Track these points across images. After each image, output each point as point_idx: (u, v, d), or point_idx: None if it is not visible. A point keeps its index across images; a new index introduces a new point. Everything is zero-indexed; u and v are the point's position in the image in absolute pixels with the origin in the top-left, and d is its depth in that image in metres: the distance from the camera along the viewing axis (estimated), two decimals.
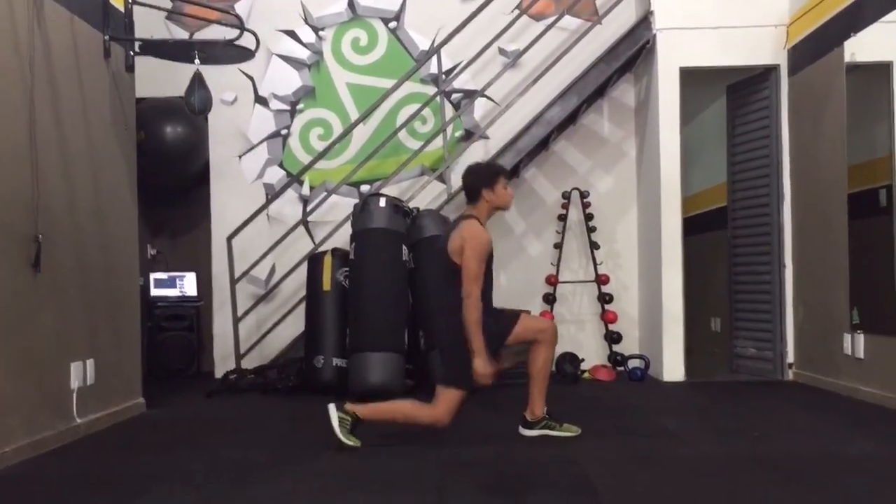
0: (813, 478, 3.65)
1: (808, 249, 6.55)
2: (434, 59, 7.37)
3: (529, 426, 4.57)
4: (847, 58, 5.82)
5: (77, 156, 4.92)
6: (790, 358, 6.80)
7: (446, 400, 4.40)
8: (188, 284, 7.75)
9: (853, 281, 5.77)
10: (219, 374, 7.34)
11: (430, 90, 7.55)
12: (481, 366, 4.31)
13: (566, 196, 7.60)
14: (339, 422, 4.33)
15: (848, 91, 5.83)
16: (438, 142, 7.37)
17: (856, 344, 5.71)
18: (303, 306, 6.80)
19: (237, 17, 6.04)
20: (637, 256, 7.73)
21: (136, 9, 5.60)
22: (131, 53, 5.62)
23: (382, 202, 6.42)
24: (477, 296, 4.34)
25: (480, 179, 4.56)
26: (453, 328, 4.40)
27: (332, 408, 4.38)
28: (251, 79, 7.77)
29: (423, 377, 6.12)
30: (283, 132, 7.83)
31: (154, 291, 7.66)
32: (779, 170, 6.85)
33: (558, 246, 7.59)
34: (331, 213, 7.52)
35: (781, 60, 6.83)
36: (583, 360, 7.10)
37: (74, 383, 4.77)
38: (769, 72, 6.92)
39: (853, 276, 5.77)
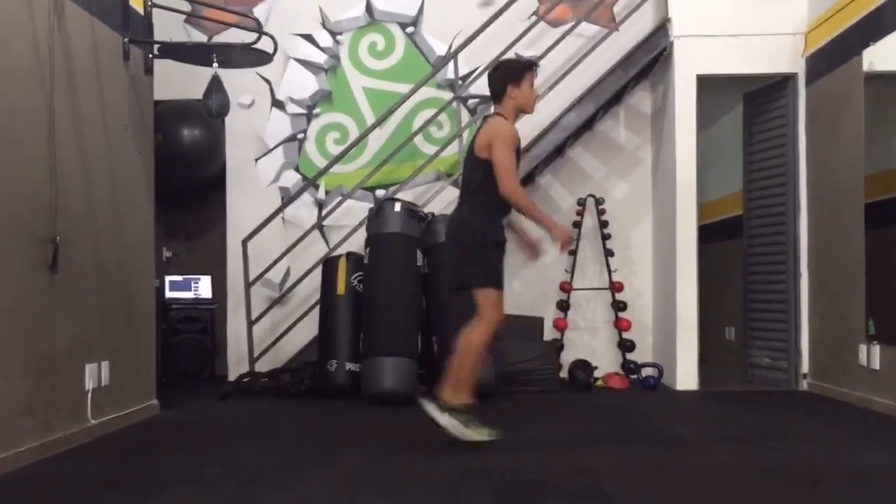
0: (827, 489, 3.62)
1: (824, 259, 6.52)
2: (451, 64, 7.38)
3: (442, 409, 4.34)
4: (865, 67, 5.79)
5: (95, 158, 4.95)
6: (805, 368, 6.76)
7: (486, 301, 4.35)
8: (203, 287, 7.77)
9: (869, 291, 5.74)
10: (232, 377, 7.36)
11: (447, 95, 7.56)
12: (560, 229, 4.36)
13: (581, 203, 7.59)
14: (463, 422, 4.26)
15: (866, 100, 5.80)
16: (454, 147, 7.38)
17: (871, 355, 5.67)
18: (317, 310, 6.81)
19: (255, 20, 6.07)
20: (652, 264, 7.71)
21: (155, 12, 5.63)
22: (150, 56, 5.65)
23: (398, 207, 6.42)
24: (517, 187, 4.33)
25: (507, 74, 4.53)
26: (473, 228, 4.41)
27: (437, 414, 4.26)
28: (268, 82, 7.80)
29: (435, 383, 6.11)
30: (300, 136, 7.85)
31: (169, 294, 7.68)
32: (795, 179, 6.82)
33: (573, 253, 7.58)
34: (346, 218, 7.53)
35: (799, 69, 6.80)
36: (596, 367, 7.08)
37: (89, 385, 4.79)
38: (787, 80, 6.89)
39: (869, 286, 5.73)
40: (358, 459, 4.22)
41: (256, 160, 7.84)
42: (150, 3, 5.56)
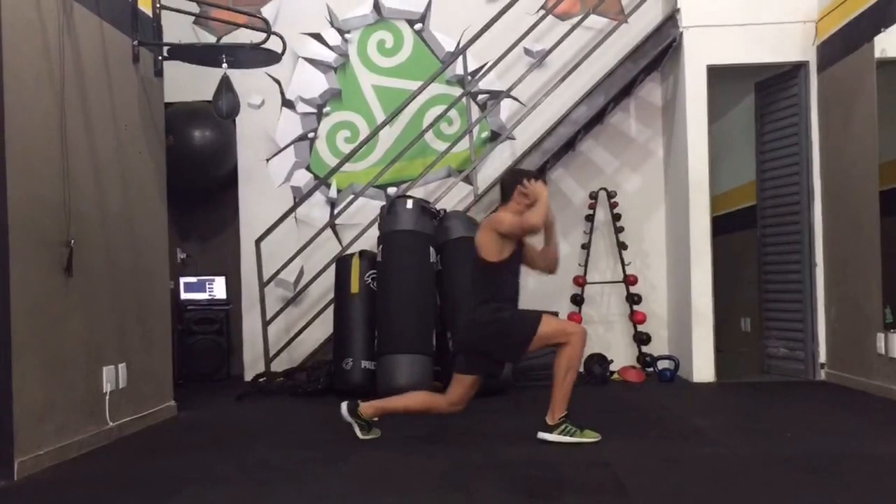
0: (845, 478, 3.61)
1: (839, 248, 6.48)
2: (460, 60, 7.37)
3: (549, 430, 4.49)
4: (877, 53, 5.75)
5: (107, 161, 4.97)
6: (822, 358, 6.72)
7: (461, 384, 4.52)
8: (218, 288, 7.79)
9: (886, 279, 5.70)
10: (248, 377, 7.38)
11: (456, 91, 7.56)
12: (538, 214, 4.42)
13: (593, 196, 7.57)
14: (359, 428, 4.58)
15: (879, 87, 5.76)
16: (465, 143, 7.38)
17: (889, 343, 5.63)
18: (331, 309, 6.82)
19: (264, 20, 6.08)
20: (665, 256, 7.68)
21: (163, 14, 5.64)
22: (159, 58, 5.67)
23: (409, 204, 6.42)
24: (540, 218, 4.38)
25: (515, 180, 4.61)
26: (473, 322, 4.51)
27: (345, 413, 4.59)
28: (278, 82, 7.81)
29: (450, 379, 6.11)
30: (310, 135, 7.86)
31: (184, 295, 7.71)
32: (808, 167, 6.78)
33: (586, 246, 7.56)
34: (358, 216, 7.54)
35: (810, 57, 6.76)
36: (611, 361, 7.07)
37: (107, 387, 4.81)
38: (798, 68, 6.85)
39: (886, 274, 5.70)
40: (373, 456, 4.23)
41: (268, 160, 7.85)
42: (158, 6, 5.57)
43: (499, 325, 4.45)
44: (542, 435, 4.48)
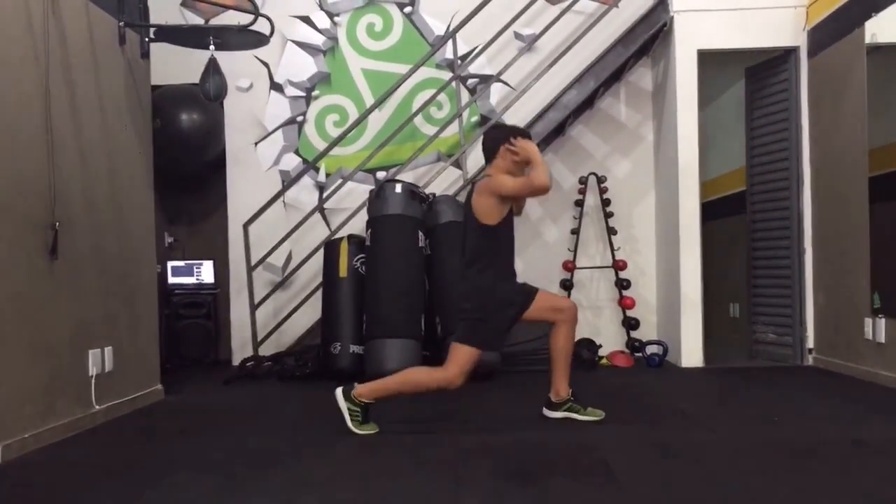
0: (832, 463, 3.62)
1: (828, 233, 6.49)
2: (449, 43, 7.33)
3: (554, 407, 4.56)
4: (868, 39, 5.74)
5: (93, 143, 4.93)
6: (810, 343, 6.75)
7: (458, 358, 4.36)
8: (205, 272, 7.76)
9: (874, 265, 5.71)
10: (236, 361, 7.36)
11: (446, 75, 7.52)
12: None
13: (583, 181, 7.55)
14: (350, 415, 4.34)
15: (869, 73, 5.76)
16: (454, 127, 7.36)
17: (877, 328, 5.65)
18: (319, 293, 6.80)
19: (252, 2, 6.02)
20: (655, 242, 7.68)
21: None
22: (146, 40, 5.62)
23: (398, 188, 6.40)
24: (546, 180, 4.27)
25: (498, 138, 4.52)
26: (468, 289, 4.43)
27: (340, 398, 4.38)
28: (266, 65, 7.76)
29: (439, 364, 6.10)
30: (299, 119, 7.82)
31: (171, 279, 7.68)
32: (798, 153, 6.78)
33: (575, 231, 7.56)
34: (347, 200, 7.51)
35: (801, 42, 6.75)
36: (600, 346, 7.07)
37: (93, 370, 4.79)
38: (788, 54, 6.84)
39: (874, 259, 5.71)
40: (361, 441, 4.22)
41: (256, 144, 7.81)
42: None
43: (492, 290, 4.40)
44: (547, 412, 4.56)
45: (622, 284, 7.47)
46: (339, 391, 4.41)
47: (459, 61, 7.38)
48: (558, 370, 4.59)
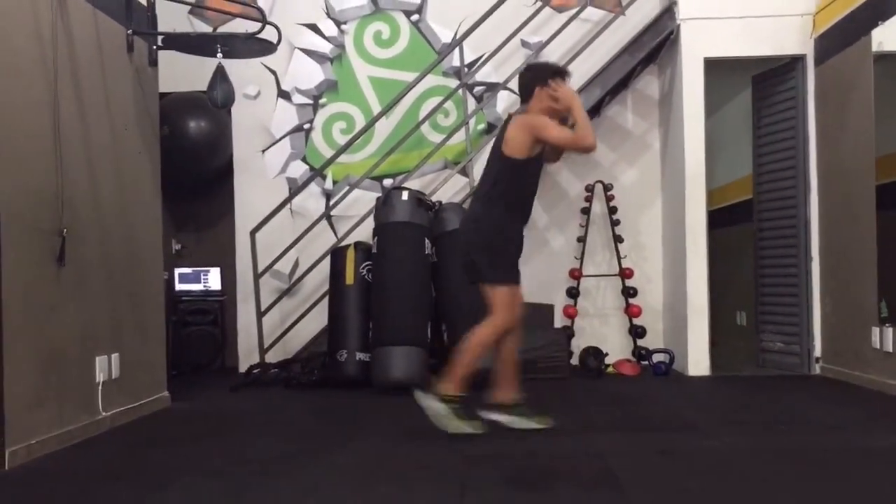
0: (840, 472, 3.61)
1: (835, 242, 6.47)
2: (456, 51, 7.35)
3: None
4: (875, 47, 5.73)
5: (101, 151, 4.94)
6: (817, 352, 6.72)
7: (499, 300, 4.29)
8: (212, 279, 7.77)
9: (881, 273, 5.69)
10: (243, 368, 7.36)
11: (453, 83, 7.53)
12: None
13: (590, 189, 7.55)
14: (450, 412, 4.20)
15: (876, 81, 5.75)
16: (461, 135, 7.36)
17: (884, 337, 5.63)
18: (326, 300, 6.81)
19: (259, 10, 6.04)
20: (661, 250, 7.67)
21: (158, 3, 5.61)
22: (154, 48, 5.64)
23: (405, 196, 6.40)
24: (593, 138, 4.23)
25: (537, 76, 4.42)
26: (486, 225, 4.34)
27: (427, 401, 4.23)
28: (274, 73, 7.78)
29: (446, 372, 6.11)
30: (306, 126, 7.83)
31: (178, 286, 7.69)
32: (805, 161, 6.77)
33: (582, 239, 7.55)
34: (353, 208, 7.52)
35: (808, 50, 6.74)
36: (607, 354, 7.06)
37: (100, 377, 4.80)
38: (795, 62, 6.84)
39: (881, 268, 5.69)
40: (367, 448, 4.22)
41: (263, 151, 7.83)
42: None
43: (507, 231, 4.33)
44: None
45: (629, 292, 7.45)
46: (422, 395, 4.26)
47: (466, 69, 7.39)
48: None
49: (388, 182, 7.65)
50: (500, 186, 4.36)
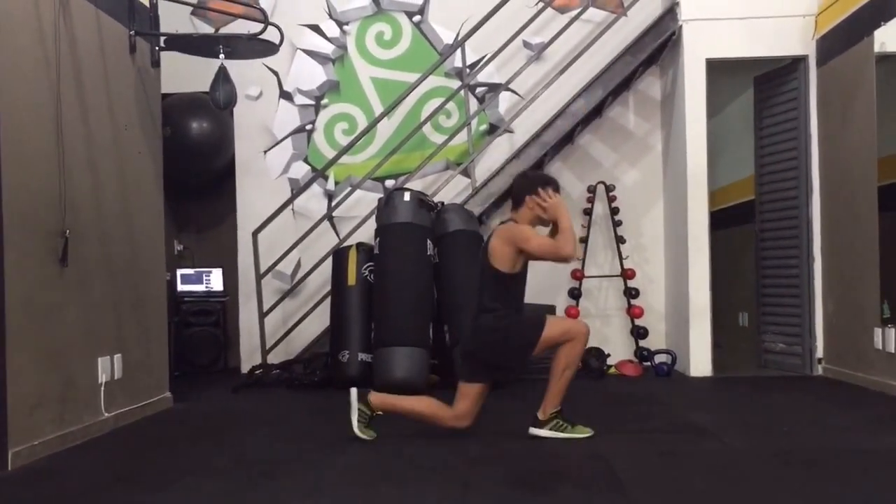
0: (842, 473, 3.60)
1: (837, 243, 6.47)
2: (458, 52, 7.35)
3: (540, 425, 4.41)
4: (877, 48, 5.73)
5: (103, 151, 4.95)
6: (819, 353, 6.72)
7: (466, 396, 4.38)
8: (214, 280, 7.78)
9: (884, 274, 5.69)
10: (245, 369, 7.37)
11: (455, 84, 7.53)
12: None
13: (591, 190, 7.55)
14: (359, 416, 4.37)
15: (878, 82, 5.74)
16: (463, 136, 7.36)
17: (887, 338, 5.62)
18: (328, 301, 6.81)
19: (261, 10, 6.05)
20: (663, 250, 7.67)
21: (161, 4, 5.62)
22: (157, 49, 5.64)
23: (407, 196, 6.40)
24: (573, 248, 4.28)
25: (529, 185, 4.48)
26: (478, 330, 4.40)
27: (354, 396, 4.41)
28: (276, 74, 7.79)
29: (447, 372, 6.10)
30: (308, 127, 7.84)
31: (181, 287, 7.70)
32: (807, 162, 6.77)
33: (584, 240, 7.55)
34: (356, 208, 7.52)
35: (810, 51, 6.74)
36: (609, 355, 7.07)
37: (102, 378, 4.80)
38: (797, 63, 6.83)
39: (884, 269, 5.69)
40: (369, 449, 4.22)
41: (265, 152, 7.83)
42: None
43: (503, 332, 4.36)
44: (533, 430, 4.39)
45: (631, 293, 7.45)
46: (354, 390, 4.44)
47: (468, 70, 7.39)
48: (552, 388, 4.42)
49: (390, 183, 7.66)
50: (499, 301, 4.40)
